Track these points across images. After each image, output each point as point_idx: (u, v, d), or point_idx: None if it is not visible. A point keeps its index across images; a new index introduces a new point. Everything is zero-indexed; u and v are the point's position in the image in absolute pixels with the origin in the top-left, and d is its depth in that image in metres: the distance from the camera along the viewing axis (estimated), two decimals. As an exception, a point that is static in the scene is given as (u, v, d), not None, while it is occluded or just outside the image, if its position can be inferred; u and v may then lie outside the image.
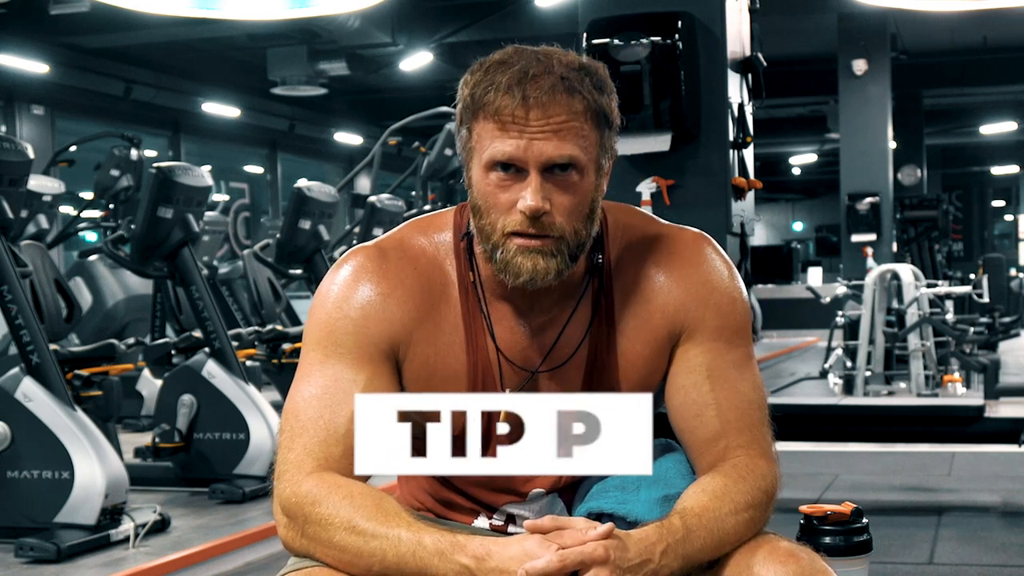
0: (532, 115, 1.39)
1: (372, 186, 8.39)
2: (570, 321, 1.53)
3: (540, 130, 1.39)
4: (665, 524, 1.41)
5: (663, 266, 1.54)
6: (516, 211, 1.41)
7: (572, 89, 1.40)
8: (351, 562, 1.40)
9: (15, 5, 9.62)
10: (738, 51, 4.44)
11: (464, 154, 1.47)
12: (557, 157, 1.40)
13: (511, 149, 1.39)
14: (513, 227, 1.42)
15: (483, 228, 1.45)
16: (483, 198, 1.44)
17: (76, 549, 4.05)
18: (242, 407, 5.18)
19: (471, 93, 1.43)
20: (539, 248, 1.41)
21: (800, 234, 28.19)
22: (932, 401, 6.59)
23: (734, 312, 1.54)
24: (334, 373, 1.48)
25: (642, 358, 1.54)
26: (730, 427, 1.51)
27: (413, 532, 1.37)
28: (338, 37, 11.83)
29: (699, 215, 4.12)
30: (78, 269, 8.56)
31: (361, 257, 1.53)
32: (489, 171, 1.42)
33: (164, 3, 7.25)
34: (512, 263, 1.42)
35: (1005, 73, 15.31)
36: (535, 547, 1.32)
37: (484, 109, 1.41)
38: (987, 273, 8.65)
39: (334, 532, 1.40)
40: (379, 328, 1.49)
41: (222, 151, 16.92)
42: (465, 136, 1.45)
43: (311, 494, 1.42)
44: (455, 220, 1.55)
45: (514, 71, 1.40)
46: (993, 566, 3.90)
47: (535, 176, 1.40)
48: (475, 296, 1.52)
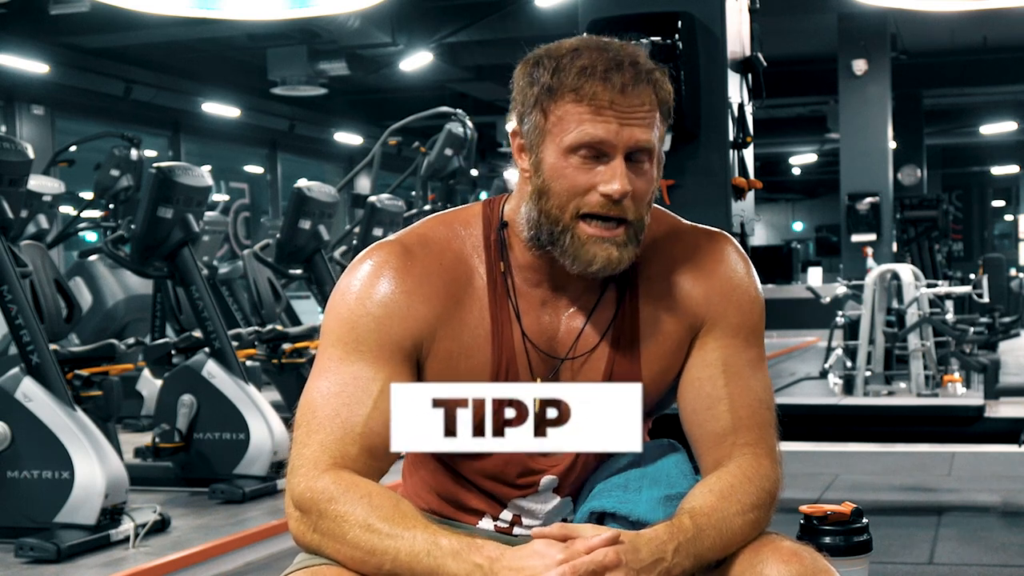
0: (627, 101, 1.43)
1: (372, 186, 8.39)
2: (595, 311, 1.55)
3: (631, 116, 1.44)
4: (675, 523, 1.42)
5: (687, 262, 1.57)
6: (594, 194, 1.44)
7: (654, 81, 1.46)
8: (363, 560, 1.40)
9: (15, 5, 9.62)
10: (738, 51, 4.44)
11: (532, 137, 1.48)
12: (644, 142, 1.44)
13: (603, 132, 1.43)
14: (589, 209, 1.45)
15: (549, 211, 1.46)
16: (557, 180, 1.45)
17: (76, 549, 4.05)
18: (242, 407, 5.18)
19: (554, 76, 1.44)
20: (613, 238, 1.45)
21: (800, 234, 28.19)
22: (932, 401, 6.59)
23: (753, 312, 1.57)
24: (354, 371, 1.48)
25: (664, 349, 1.55)
26: (741, 424, 1.52)
27: (430, 533, 1.38)
28: (338, 37, 11.84)
29: (699, 215, 4.09)
30: (78, 269, 8.56)
31: (384, 253, 1.53)
32: (571, 153, 1.44)
33: (164, 3, 7.26)
34: (583, 251, 1.46)
35: (1005, 73, 15.32)
36: (544, 548, 1.35)
37: (576, 92, 1.43)
38: (987, 273, 8.66)
39: (348, 529, 1.40)
40: (402, 327, 1.49)
41: (222, 151, 16.92)
42: (538, 119, 1.46)
43: (327, 491, 1.42)
44: (484, 213, 1.57)
45: (608, 58, 1.44)
46: (993, 566, 3.90)
47: (620, 160, 1.44)
48: (504, 286, 1.53)
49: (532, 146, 1.48)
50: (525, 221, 1.50)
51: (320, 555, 1.45)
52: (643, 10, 4.26)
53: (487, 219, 1.56)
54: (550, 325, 1.54)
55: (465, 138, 7.82)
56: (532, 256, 1.51)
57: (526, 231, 1.50)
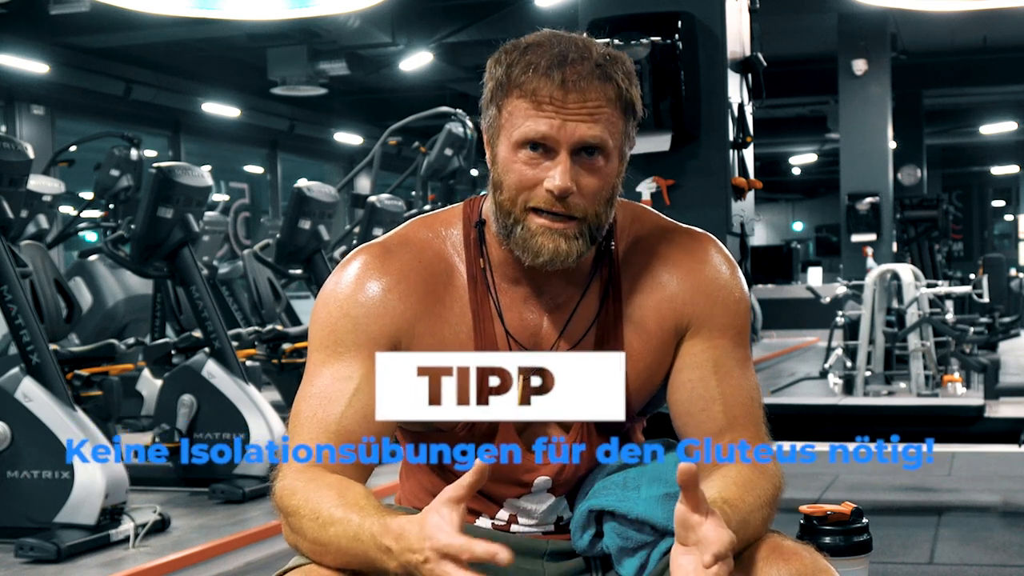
0: (569, 97, 1.41)
1: (372, 186, 8.39)
2: (578, 308, 1.54)
3: (576, 112, 1.42)
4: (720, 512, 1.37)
5: (672, 261, 1.56)
6: (541, 188, 1.43)
7: (607, 76, 1.43)
8: (320, 552, 1.41)
9: (15, 5, 9.62)
10: (738, 51, 4.44)
11: (490, 132, 1.49)
12: (590, 138, 1.42)
13: (545, 128, 1.42)
14: (536, 203, 1.44)
15: (503, 203, 1.46)
16: (507, 173, 1.45)
17: (76, 549, 4.05)
18: (242, 407, 5.17)
19: (506, 72, 1.44)
20: (562, 230, 1.44)
21: (800, 234, 28.18)
22: (932, 401, 6.59)
23: (740, 312, 1.57)
24: (332, 372, 1.49)
25: (647, 348, 1.55)
26: (736, 422, 1.52)
27: (362, 517, 1.37)
28: (338, 37, 11.84)
29: (699, 215, 4.12)
30: (78, 269, 8.55)
31: (365, 255, 1.54)
32: (518, 149, 1.44)
33: (164, 3, 7.26)
34: (533, 242, 1.45)
35: (1005, 73, 15.31)
36: (430, 521, 1.29)
37: (520, 88, 1.43)
38: (987, 273, 8.66)
39: (303, 521, 1.41)
40: (379, 324, 1.50)
41: (222, 151, 16.92)
42: (494, 114, 1.47)
43: (290, 486, 1.44)
44: (465, 212, 1.57)
45: (553, 54, 1.43)
46: (993, 566, 3.90)
47: (565, 156, 1.43)
48: (484, 283, 1.53)
49: (491, 140, 1.49)
50: (493, 214, 1.50)
51: (300, 553, 1.46)
52: (643, 10, 4.26)
53: (467, 217, 1.57)
54: (532, 322, 1.54)
55: (465, 138, 7.82)
56: (505, 252, 1.51)
57: (495, 226, 1.51)
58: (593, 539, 1.54)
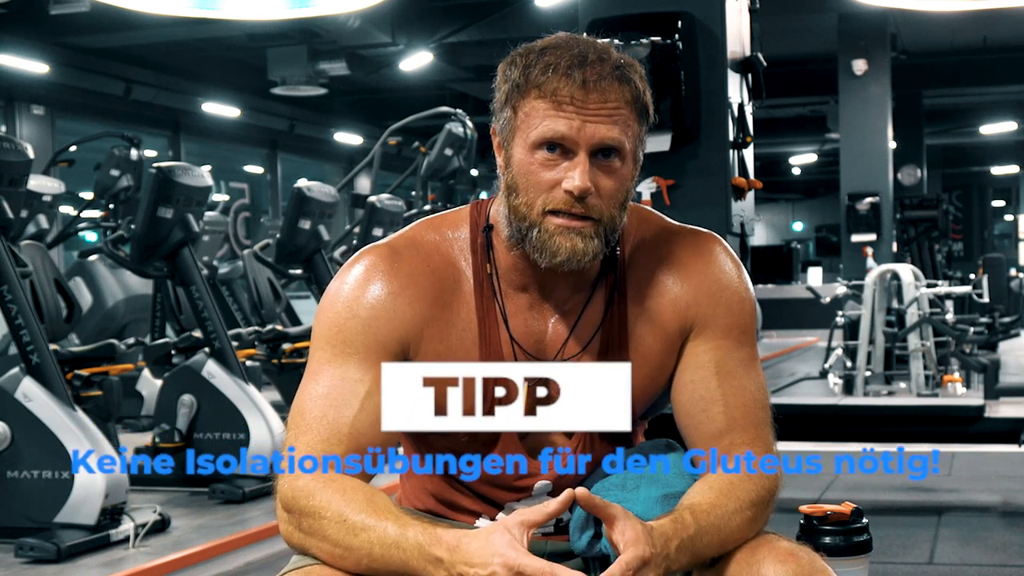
0: (590, 97, 1.41)
1: (372, 186, 8.39)
2: (583, 313, 1.54)
3: (595, 113, 1.42)
4: (678, 519, 1.41)
5: (676, 263, 1.56)
6: (558, 190, 1.43)
7: (626, 78, 1.44)
8: (342, 556, 1.40)
9: (15, 5, 9.62)
10: (738, 51, 4.44)
11: (504, 135, 1.48)
12: (609, 139, 1.42)
13: (564, 128, 1.42)
14: (554, 205, 1.44)
15: (518, 207, 1.46)
16: (524, 176, 1.45)
17: (76, 549, 4.06)
18: (242, 407, 5.18)
19: (523, 73, 1.44)
20: (579, 229, 1.44)
21: (800, 234, 28.18)
22: (932, 401, 6.59)
23: (743, 312, 1.56)
24: (341, 373, 1.48)
25: (653, 352, 1.54)
26: (736, 424, 1.52)
27: (399, 525, 1.37)
28: (338, 37, 11.84)
29: (699, 215, 4.12)
30: (78, 269, 8.55)
31: (373, 256, 1.53)
32: (535, 150, 1.44)
33: (164, 3, 7.26)
34: (550, 242, 1.44)
35: (1005, 73, 15.31)
36: (500, 539, 1.32)
37: (540, 88, 1.43)
38: (987, 273, 8.66)
39: (326, 524, 1.40)
40: (389, 327, 1.49)
41: (222, 151, 16.93)
42: (508, 116, 1.47)
43: (306, 487, 1.43)
44: (472, 216, 1.56)
45: (572, 54, 1.43)
46: (993, 566, 3.90)
47: (584, 157, 1.42)
48: (490, 289, 1.53)
49: (505, 142, 1.49)
50: (503, 219, 1.50)
51: (307, 555, 1.45)
52: (643, 10, 4.27)
53: (474, 221, 1.56)
54: (538, 328, 1.54)
55: (465, 138, 7.82)
56: (514, 257, 1.50)
57: (505, 230, 1.50)
58: (592, 540, 1.53)
